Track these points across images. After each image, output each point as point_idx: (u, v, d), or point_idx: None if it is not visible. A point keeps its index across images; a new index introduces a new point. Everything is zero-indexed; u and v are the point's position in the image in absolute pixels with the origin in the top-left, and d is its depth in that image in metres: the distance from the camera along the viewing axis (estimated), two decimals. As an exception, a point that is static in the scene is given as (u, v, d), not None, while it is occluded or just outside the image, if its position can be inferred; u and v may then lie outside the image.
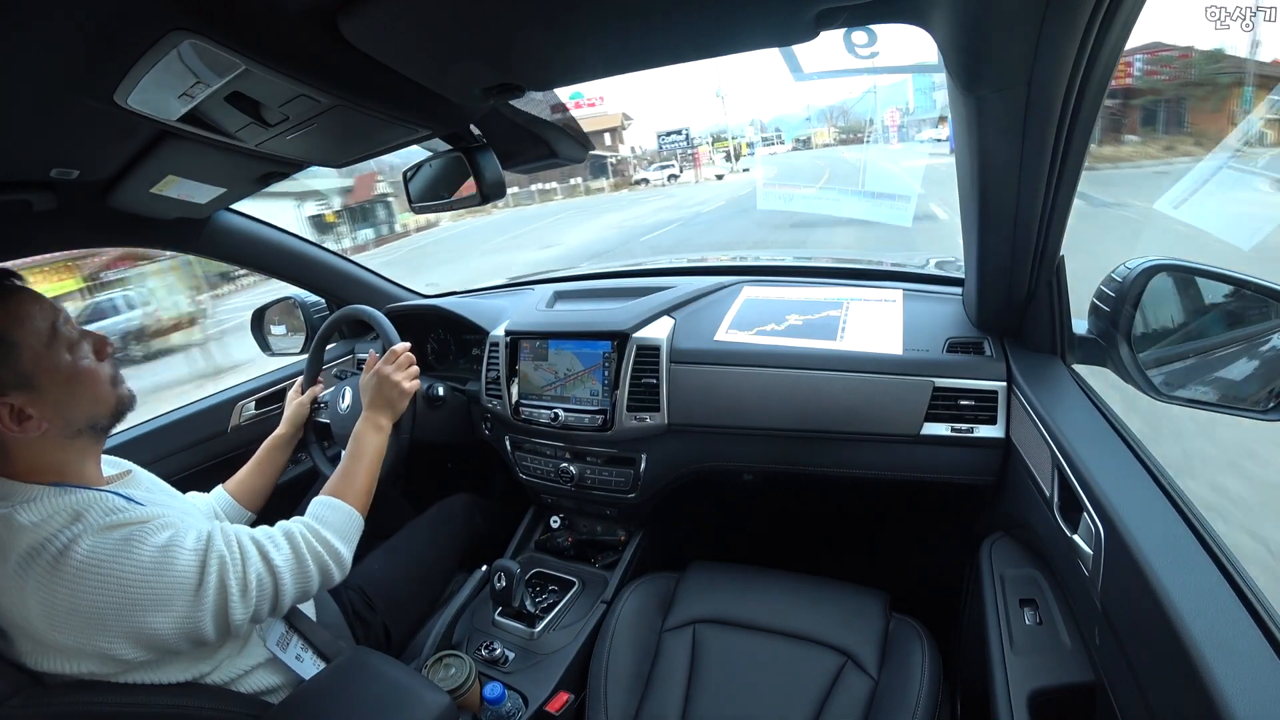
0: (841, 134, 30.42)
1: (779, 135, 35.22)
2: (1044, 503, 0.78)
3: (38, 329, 0.69)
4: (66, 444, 0.72)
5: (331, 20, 0.56)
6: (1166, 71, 13.03)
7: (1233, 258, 1.05)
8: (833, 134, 32.15)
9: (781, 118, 37.46)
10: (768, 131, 35.33)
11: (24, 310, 0.69)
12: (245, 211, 1.32)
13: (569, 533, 1.39)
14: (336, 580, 0.84)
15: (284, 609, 0.78)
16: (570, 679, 1.06)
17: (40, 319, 0.70)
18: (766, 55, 0.68)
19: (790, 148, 33.23)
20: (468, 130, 0.90)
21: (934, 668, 0.92)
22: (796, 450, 1.13)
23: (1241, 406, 0.76)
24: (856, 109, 24.76)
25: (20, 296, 0.69)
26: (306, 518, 0.86)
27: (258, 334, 1.67)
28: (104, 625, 0.64)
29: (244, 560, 0.73)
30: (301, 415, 1.26)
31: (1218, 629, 0.46)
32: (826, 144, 31.29)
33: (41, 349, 0.69)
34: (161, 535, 0.68)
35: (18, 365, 0.67)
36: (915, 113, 18.07)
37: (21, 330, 0.68)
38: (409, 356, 1.13)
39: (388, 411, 1.07)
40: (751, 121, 36.72)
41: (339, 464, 0.98)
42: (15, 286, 0.70)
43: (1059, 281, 0.90)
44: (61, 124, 0.71)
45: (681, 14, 0.59)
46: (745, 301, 1.29)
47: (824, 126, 33.62)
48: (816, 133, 33.59)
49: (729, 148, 33.07)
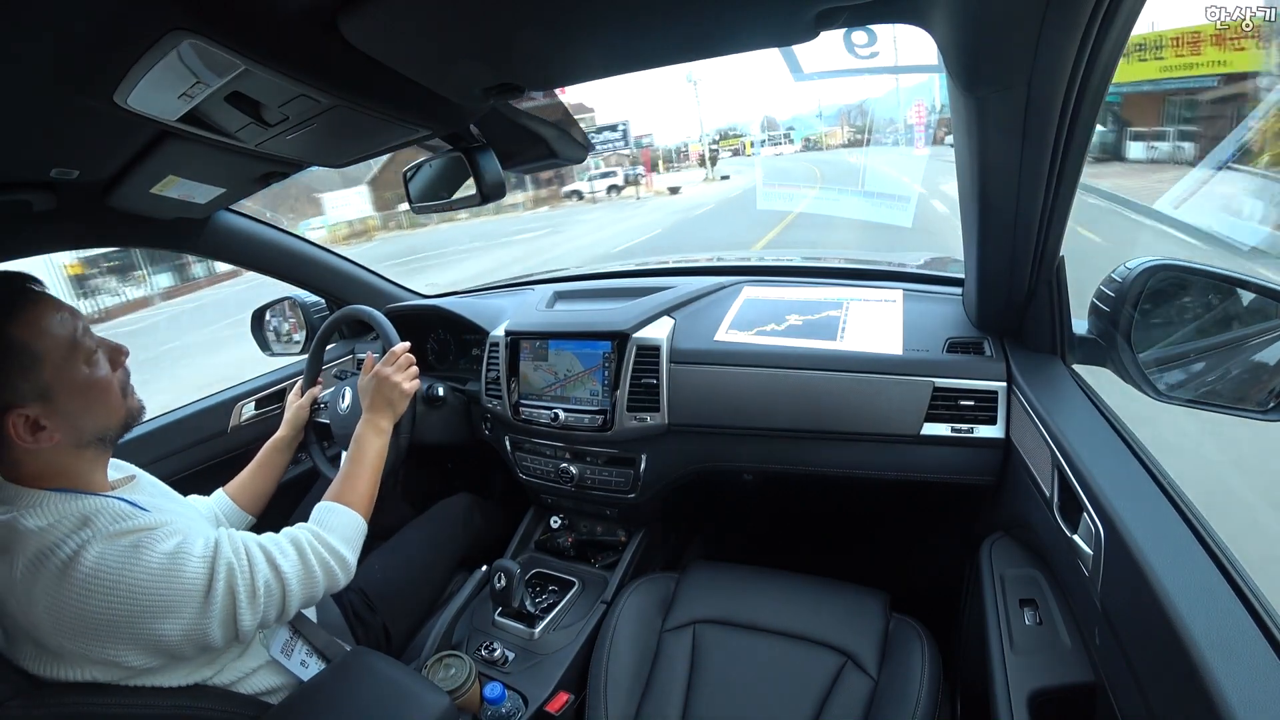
0: (857, 134, 26.75)
1: (788, 135, 33.56)
2: (1044, 503, 0.78)
3: (59, 340, 0.68)
4: (76, 454, 0.71)
5: (331, 20, 0.56)
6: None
7: (1232, 258, 1.05)
8: (848, 134, 28.87)
9: (798, 116, 35.45)
10: (776, 130, 33.77)
11: (46, 320, 0.68)
12: (244, 211, 1.32)
13: (569, 533, 1.39)
14: (342, 584, 0.84)
15: (290, 615, 0.78)
16: (570, 679, 1.06)
17: (61, 329, 0.69)
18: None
19: (799, 148, 31.71)
20: (468, 130, 0.90)
21: (934, 668, 0.92)
22: (796, 450, 1.13)
23: (1241, 406, 0.76)
24: (878, 109, 22.40)
25: (43, 305, 0.68)
26: (311, 524, 0.86)
27: (258, 334, 1.67)
28: (113, 632, 0.64)
29: (252, 567, 0.73)
30: (301, 417, 1.25)
31: (1218, 629, 0.46)
32: (841, 144, 28.19)
33: (61, 361, 0.68)
34: (169, 542, 0.68)
35: (38, 377, 0.66)
36: (943, 111, 17.02)
37: (43, 341, 0.67)
38: (409, 357, 1.13)
39: (388, 413, 1.06)
40: (764, 119, 35.06)
41: (341, 467, 0.98)
42: (38, 294, 0.69)
43: (1059, 281, 0.90)
44: (61, 124, 0.71)
45: (681, 14, 0.59)
46: (745, 301, 1.29)
47: (836, 126, 31.59)
48: (830, 133, 31.09)
49: (737, 145, 30.73)
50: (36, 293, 0.69)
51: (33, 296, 0.68)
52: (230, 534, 0.75)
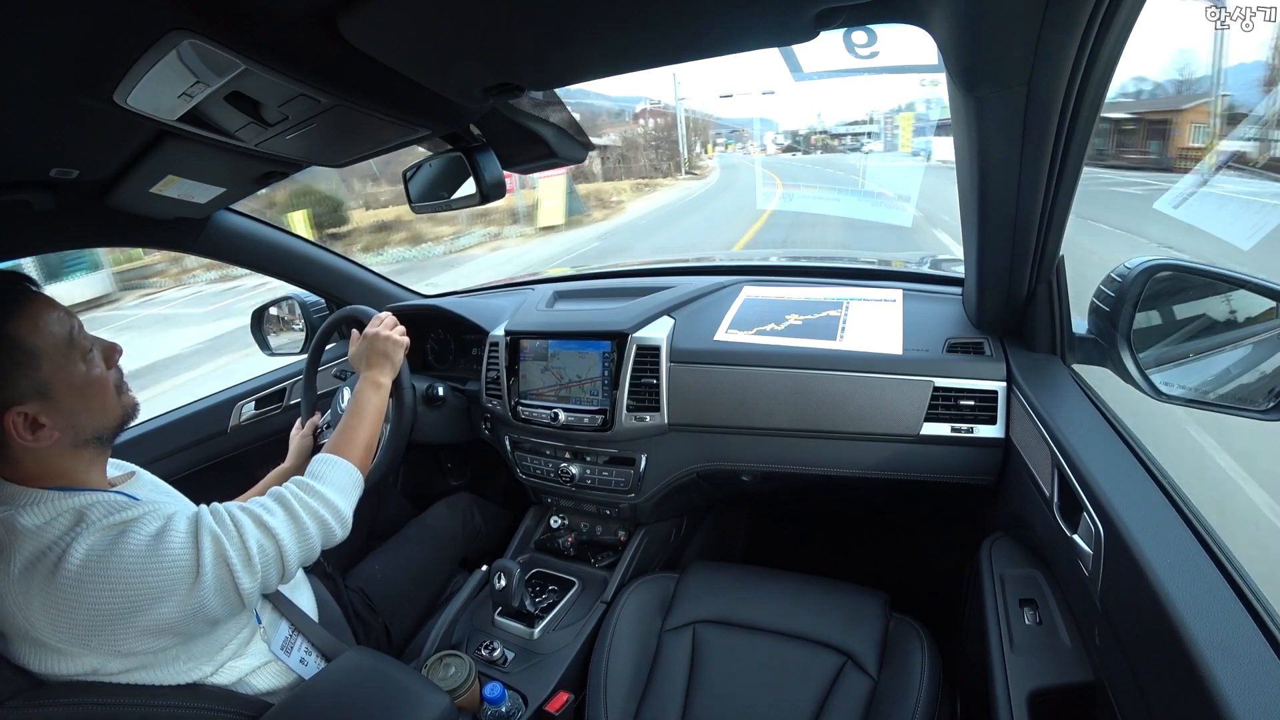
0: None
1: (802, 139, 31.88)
2: (1044, 503, 0.78)
3: (56, 338, 0.68)
4: (74, 452, 0.71)
5: (331, 20, 0.56)
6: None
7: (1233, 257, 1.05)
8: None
9: (841, 121, 33.29)
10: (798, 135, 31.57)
11: (44, 318, 0.68)
12: (244, 211, 1.33)
13: (569, 533, 1.39)
14: (339, 537, 0.83)
15: (292, 573, 0.78)
16: (570, 679, 1.06)
17: (58, 327, 0.69)
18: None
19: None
20: (468, 130, 0.90)
21: (934, 668, 0.92)
22: (796, 450, 1.13)
23: (1241, 406, 0.76)
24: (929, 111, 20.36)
25: (40, 304, 0.69)
26: (304, 476, 0.85)
27: (257, 334, 1.66)
28: (110, 622, 0.64)
29: (240, 532, 0.73)
30: (306, 445, 1.24)
31: (1218, 629, 0.46)
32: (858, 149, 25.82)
33: (59, 359, 0.68)
34: (154, 525, 0.68)
35: (35, 374, 0.66)
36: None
37: (41, 339, 0.67)
38: (392, 319, 1.13)
39: (385, 366, 1.06)
40: (771, 121, 33.36)
41: (339, 421, 0.97)
42: (34, 293, 0.69)
43: (1059, 281, 0.90)
44: (61, 124, 0.71)
45: (681, 14, 0.59)
46: (745, 301, 1.29)
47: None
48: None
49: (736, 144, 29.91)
50: (33, 292, 0.69)
51: (29, 295, 0.68)
52: (214, 506, 0.75)
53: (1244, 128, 6.70)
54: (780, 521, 1.69)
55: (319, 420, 1.29)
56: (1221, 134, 8.42)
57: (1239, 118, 7.97)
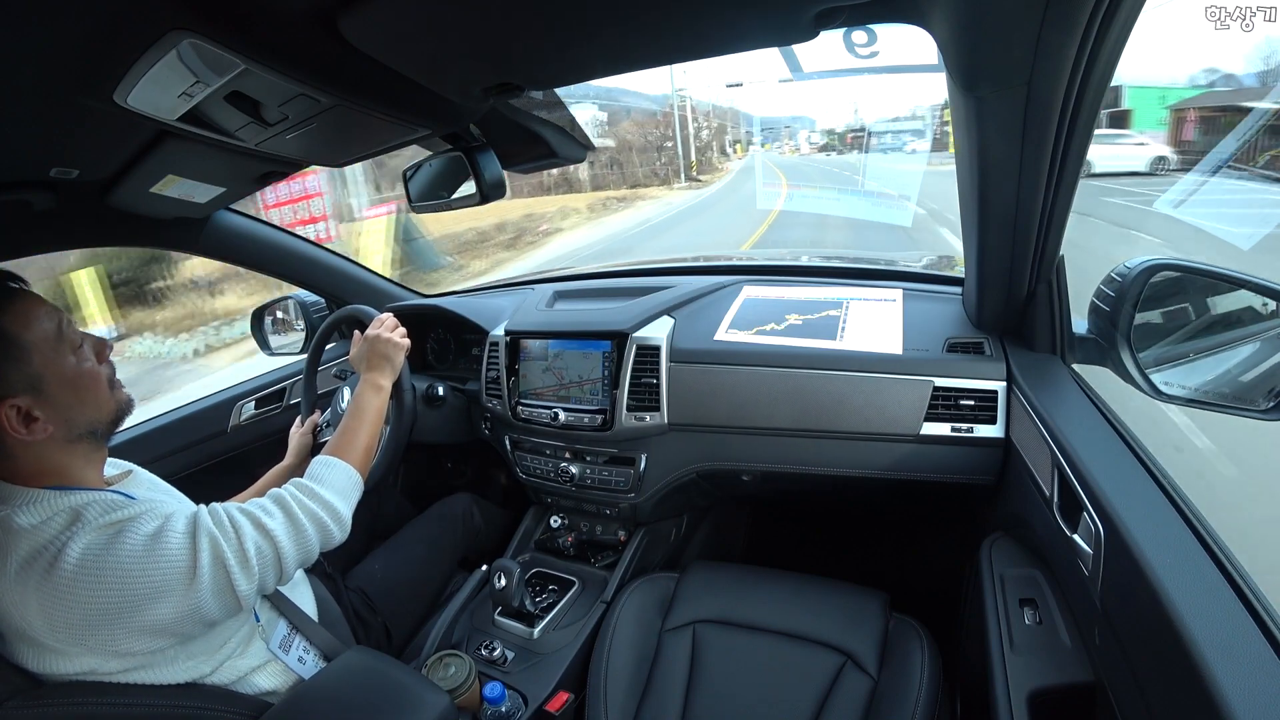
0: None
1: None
2: (1044, 502, 0.78)
3: (45, 331, 0.69)
4: (69, 449, 0.72)
5: (331, 20, 0.56)
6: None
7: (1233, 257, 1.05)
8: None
9: (882, 119, 31.48)
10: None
11: (31, 312, 0.69)
12: (244, 211, 1.33)
13: (569, 533, 1.39)
14: (337, 539, 0.83)
15: (290, 575, 0.78)
16: (570, 679, 1.06)
17: (47, 320, 0.70)
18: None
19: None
20: (468, 130, 0.90)
21: (934, 668, 0.92)
22: (796, 450, 1.13)
23: (1241, 406, 0.77)
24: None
25: (28, 299, 0.69)
26: (303, 478, 0.85)
27: (257, 334, 1.67)
28: (108, 624, 0.64)
29: (238, 533, 0.73)
30: (306, 444, 1.24)
31: (1218, 629, 0.46)
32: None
33: (50, 352, 0.69)
34: (152, 524, 0.68)
35: (27, 367, 0.67)
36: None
37: (31, 333, 0.67)
38: (393, 320, 1.13)
39: (386, 368, 1.06)
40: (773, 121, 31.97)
41: (340, 423, 0.97)
42: (19, 290, 0.70)
43: (1059, 281, 0.90)
44: (61, 124, 0.71)
45: (681, 14, 0.59)
46: (745, 301, 1.29)
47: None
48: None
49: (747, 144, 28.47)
50: (19, 288, 0.70)
51: (17, 291, 0.69)
52: (213, 506, 0.75)
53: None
54: (780, 521, 1.69)
55: (318, 419, 1.29)
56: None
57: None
